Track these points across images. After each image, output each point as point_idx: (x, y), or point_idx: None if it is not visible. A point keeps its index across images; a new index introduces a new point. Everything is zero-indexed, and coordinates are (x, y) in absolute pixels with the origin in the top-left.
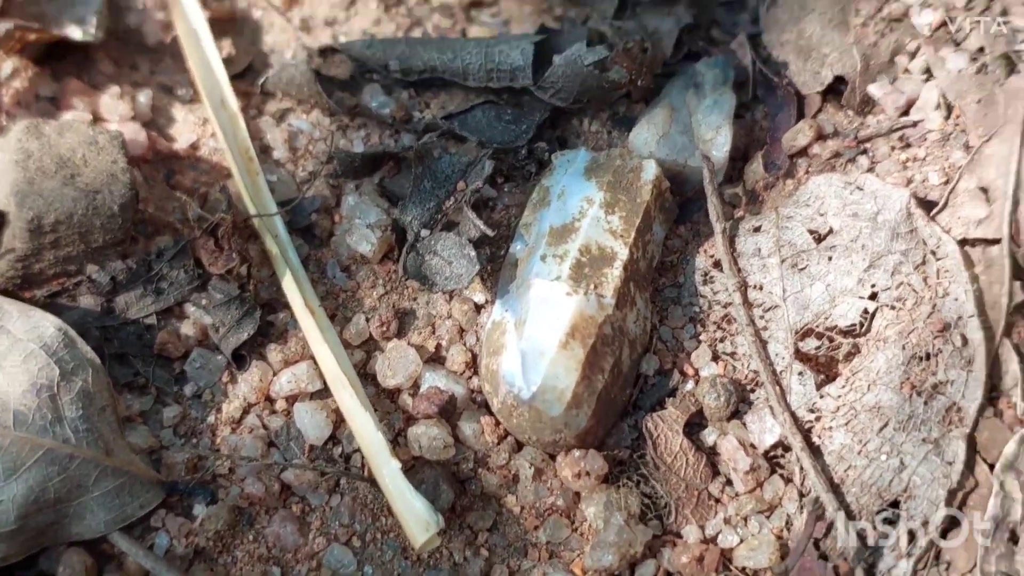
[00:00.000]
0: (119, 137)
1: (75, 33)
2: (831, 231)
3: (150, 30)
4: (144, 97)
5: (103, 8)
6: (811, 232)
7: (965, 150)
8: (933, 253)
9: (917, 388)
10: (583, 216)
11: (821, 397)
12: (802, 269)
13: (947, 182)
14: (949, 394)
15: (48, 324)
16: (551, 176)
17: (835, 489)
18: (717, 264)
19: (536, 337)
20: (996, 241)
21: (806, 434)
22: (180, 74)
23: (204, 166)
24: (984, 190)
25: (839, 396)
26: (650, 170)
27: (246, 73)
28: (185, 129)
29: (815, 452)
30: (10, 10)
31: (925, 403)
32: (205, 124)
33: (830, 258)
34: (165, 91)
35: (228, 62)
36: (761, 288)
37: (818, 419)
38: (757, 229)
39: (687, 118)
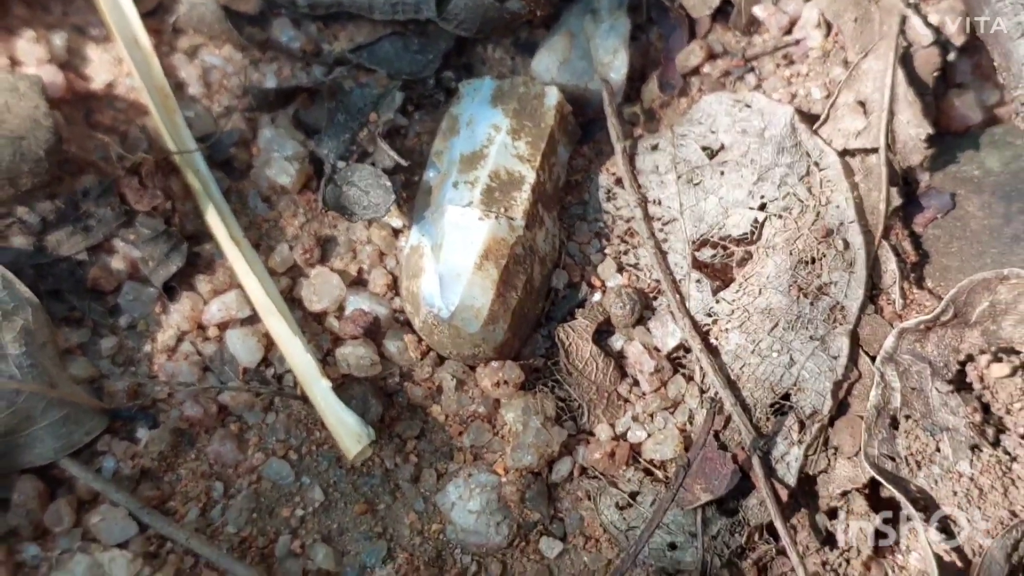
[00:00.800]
0: (39, 83)
1: None
2: (722, 147)
3: None
4: (59, 39)
5: None
6: (704, 149)
7: (844, 66)
8: (816, 164)
9: (804, 290)
10: (491, 143)
11: (717, 302)
12: (697, 184)
13: (828, 96)
14: (833, 294)
15: None
16: (459, 104)
17: (732, 385)
18: (619, 182)
19: (452, 260)
20: (874, 151)
21: (704, 336)
22: (92, 14)
23: (122, 104)
24: (862, 103)
25: (733, 300)
26: (552, 96)
27: (156, 11)
28: (101, 69)
29: (713, 352)
30: None
31: (811, 304)
32: (120, 63)
33: (722, 173)
34: (79, 32)
35: (137, 0)
36: (660, 203)
37: (715, 322)
38: (655, 147)
39: (585, 43)
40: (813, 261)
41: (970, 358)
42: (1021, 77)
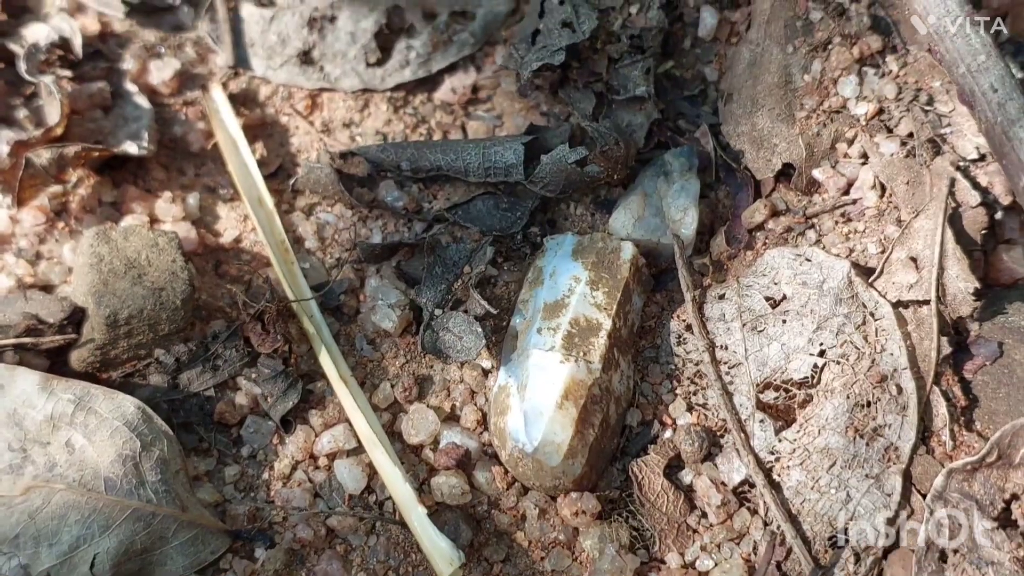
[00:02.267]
0: (176, 239)
1: (132, 149)
2: (784, 297)
3: (193, 139)
4: (192, 199)
5: (152, 123)
6: (767, 299)
7: (897, 224)
8: (872, 315)
9: (860, 431)
10: (572, 293)
11: (779, 441)
12: (760, 331)
13: (883, 252)
14: (887, 436)
15: (128, 404)
16: (543, 257)
17: (792, 519)
18: (689, 328)
19: (536, 399)
20: (926, 302)
21: (767, 473)
22: (221, 176)
23: (247, 257)
24: (914, 259)
25: (795, 440)
26: (627, 251)
27: (278, 172)
28: (229, 225)
29: (775, 488)
30: (70, 131)
31: (867, 444)
32: (246, 220)
33: (784, 321)
34: (210, 192)
35: (261, 164)
36: (726, 348)
37: (777, 460)
38: (722, 297)
39: (658, 202)
40: (869, 404)
41: (1015, 497)
42: None
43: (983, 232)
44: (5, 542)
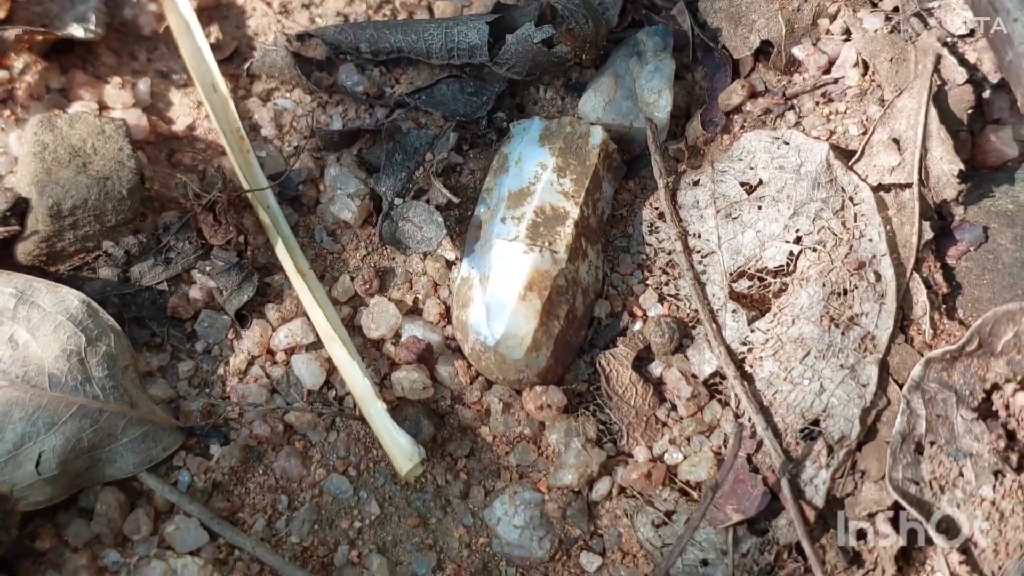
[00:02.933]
0: (123, 126)
1: (78, 32)
2: (760, 183)
3: (145, 21)
4: (144, 85)
5: (100, 5)
6: (743, 184)
7: (880, 104)
8: (851, 199)
9: (835, 320)
10: (538, 180)
11: (752, 331)
12: (735, 218)
13: (864, 133)
14: (864, 324)
15: (73, 297)
16: (509, 144)
17: (764, 411)
18: (661, 216)
19: (498, 291)
20: (907, 186)
21: (739, 364)
22: (174, 61)
23: (201, 145)
24: (896, 140)
25: (768, 330)
26: (597, 136)
27: (233, 57)
28: (182, 112)
29: (747, 379)
30: (16, 13)
31: (842, 333)
32: (199, 107)
33: (759, 207)
34: (162, 77)
35: (216, 48)
36: (699, 236)
37: (750, 351)
38: (696, 183)
39: (631, 84)
40: (845, 293)
41: (996, 387)
42: None
43: (970, 111)
44: None
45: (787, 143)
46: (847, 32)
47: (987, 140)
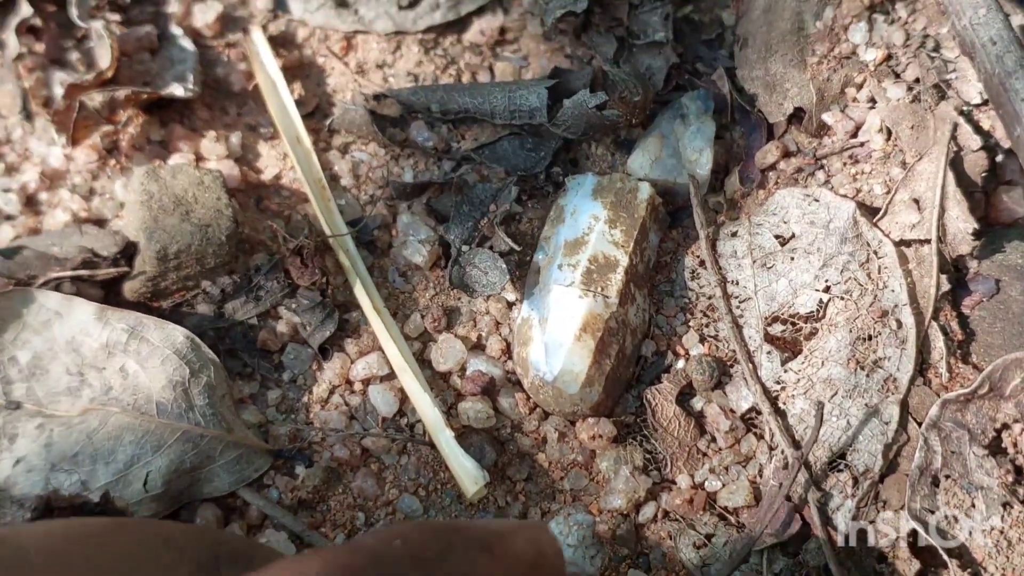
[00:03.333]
0: (220, 177)
1: (178, 91)
2: (793, 236)
3: (235, 79)
4: (235, 138)
5: (196, 65)
6: (777, 237)
7: (902, 166)
8: (875, 253)
9: (861, 363)
10: (591, 231)
11: (785, 371)
12: (770, 267)
13: (888, 192)
14: (886, 368)
15: (178, 333)
16: (565, 196)
17: (796, 445)
18: (702, 263)
19: (556, 331)
20: (927, 241)
21: (773, 401)
22: (262, 115)
23: (286, 193)
24: (916, 200)
25: (799, 370)
26: (644, 191)
27: (315, 112)
28: (269, 163)
29: (780, 415)
30: (121, 72)
31: (867, 376)
32: (285, 158)
33: (792, 258)
34: (251, 130)
35: (299, 104)
36: (737, 283)
37: (783, 389)
38: (734, 234)
39: (676, 143)
40: (870, 338)
41: (1005, 427)
42: None
43: (984, 174)
44: (65, 460)
45: (817, 200)
46: (872, 100)
47: (1000, 200)
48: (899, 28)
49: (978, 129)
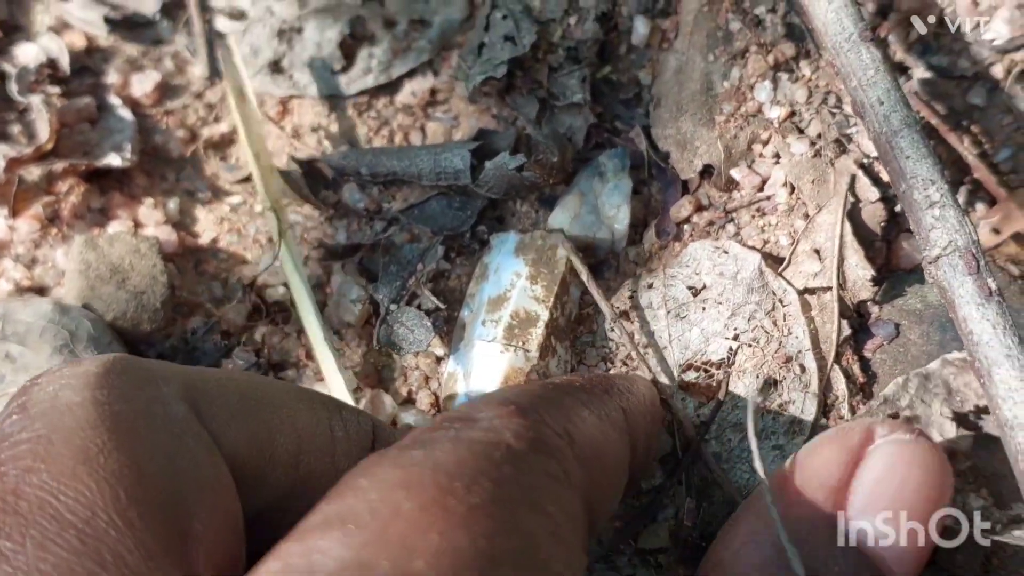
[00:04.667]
0: (156, 244)
1: (115, 161)
2: (704, 287)
3: (173, 146)
4: (173, 204)
5: (135, 135)
6: (690, 288)
7: (805, 218)
8: (780, 301)
9: (767, 408)
10: (513, 287)
11: (696, 416)
12: (683, 317)
13: (792, 243)
14: (791, 411)
15: (43, 304)
16: (489, 254)
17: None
18: (623, 314)
19: (479, 385)
20: (828, 289)
21: (685, 446)
22: (200, 180)
23: (223, 256)
24: (817, 251)
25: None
26: (563, 249)
27: (250, 178)
28: (207, 226)
29: (694, 458)
30: (60, 143)
31: (774, 418)
32: (222, 222)
33: (704, 308)
34: (189, 196)
35: (235, 168)
36: (653, 333)
37: (697, 433)
38: (650, 286)
39: (595, 200)
40: (776, 383)
41: None
42: (927, 243)
43: (883, 224)
44: None
45: (726, 252)
46: (777, 156)
47: (900, 247)
48: (802, 86)
49: (876, 181)
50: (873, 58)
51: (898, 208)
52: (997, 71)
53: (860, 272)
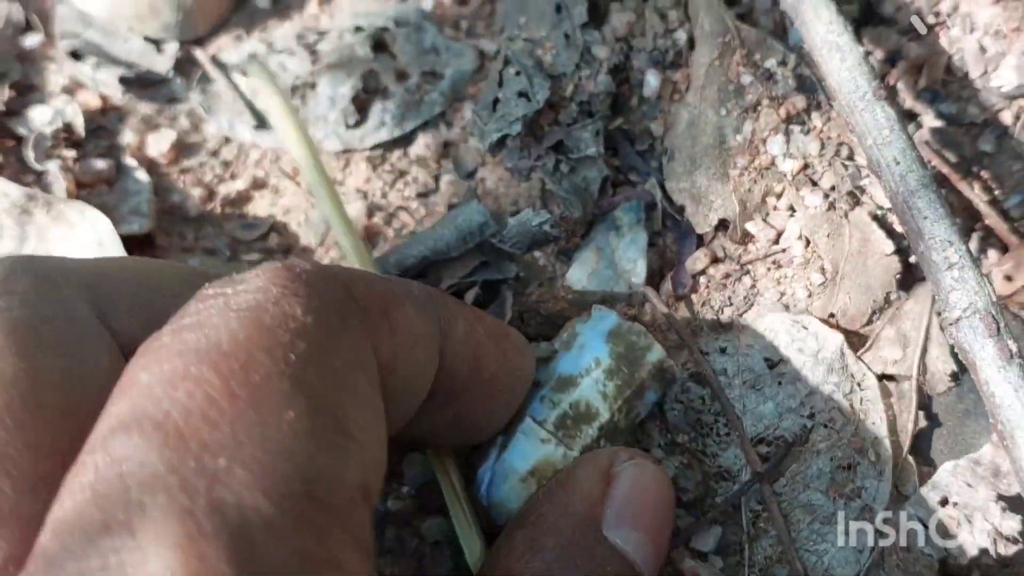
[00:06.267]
0: None
1: (135, 227)
2: (781, 360)
3: (191, 205)
4: (194, 263)
5: (152, 196)
6: (766, 360)
7: (821, 272)
8: (859, 385)
9: (839, 491)
10: (587, 374)
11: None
12: (758, 390)
13: (810, 295)
14: (864, 497)
15: None
16: (585, 323)
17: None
18: (694, 376)
19: (508, 463)
20: (908, 378)
21: (753, 523)
22: (219, 239)
23: None
24: (902, 337)
25: (781, 494)
26: (655, 353)
27: (268, 234)
28: None
29: (759, 537)
30: None
31: (845, 503)
32: None
33: (780, 383)
34: (209, 254)
35: (252, 226)
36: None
37: (765, 510)
38: (723, 351)
39: (611, 255)
40: (850, 467)
41: None
42: (946, 304)
43: (898, 276)
44: None
45: (806, 328)
46: (792, 208)
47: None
48: (814, 138)
49: (891, 233)
50: (888, 117)
51: (912, 259)
52: (1006, 117)
53: (941, 365)
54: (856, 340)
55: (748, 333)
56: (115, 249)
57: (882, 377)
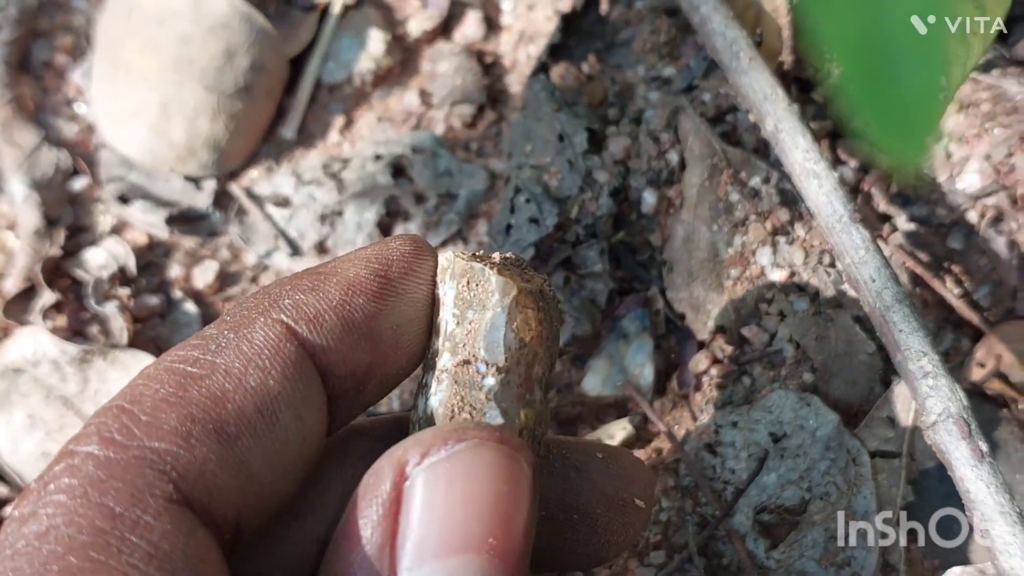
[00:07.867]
0: None
1: None
2: (785, 435)
3: None
4: None
5: (201, 325)
6: (771, 434)
7: (812, 371)
8: (853, 460)
9: (831, 561)
10: None
11: (767, 559)
12: (763, 461)
13: (805, 391)
14: (853, 567)
15: None
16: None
17: None
18: (707, 447)
19: None
20: (897, 455)
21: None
22: None
23: None
24: (891, 419)
25: (779, 559)
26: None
27: None
28: None
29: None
30: (136, 337)
31: (836, 571)
32: None
33: (782, 456)
34: None
35: None
36: (733, 472)
37: (765, 574)
38: (734, 424)
39: (621, 361)
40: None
41: None
42: (923, 409)
43: (880, 372)
44: None
45: (809, 405)
46: (782, 314)
47: None
48: (799, 247)
49: (872, 334)
50: (863, 238)
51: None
52: (972, 216)
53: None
54: (852, 419)
55: (758, 407)
56: None
57: (874, 454)
